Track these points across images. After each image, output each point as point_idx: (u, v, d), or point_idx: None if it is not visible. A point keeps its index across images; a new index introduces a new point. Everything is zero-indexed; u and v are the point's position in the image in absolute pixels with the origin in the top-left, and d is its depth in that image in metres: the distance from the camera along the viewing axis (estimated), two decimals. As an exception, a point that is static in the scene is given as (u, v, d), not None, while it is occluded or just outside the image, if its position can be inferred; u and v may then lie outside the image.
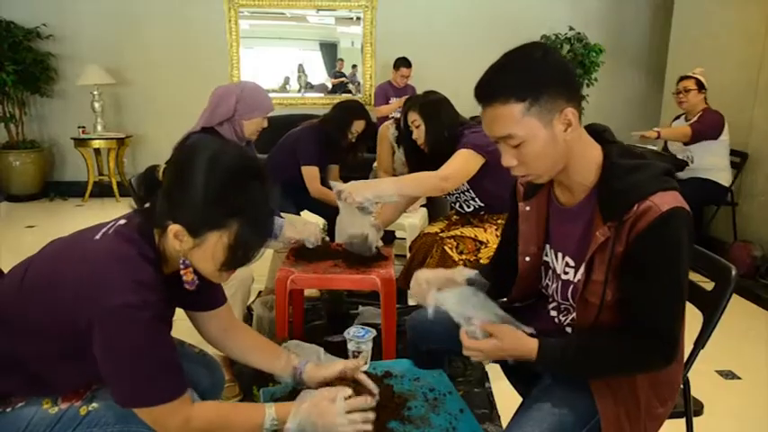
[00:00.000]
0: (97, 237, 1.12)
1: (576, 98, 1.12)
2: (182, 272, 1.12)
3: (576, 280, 1.22)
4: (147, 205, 1.15)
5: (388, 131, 3.49)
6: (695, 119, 3.82)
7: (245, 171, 1.08)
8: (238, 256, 1.10)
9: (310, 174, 3.11)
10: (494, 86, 1.11)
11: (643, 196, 1.07)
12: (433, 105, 2.42)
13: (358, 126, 3.13)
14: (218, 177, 1.05)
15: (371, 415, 1.17)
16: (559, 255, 1.28)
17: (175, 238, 1.07)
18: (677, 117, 4.13)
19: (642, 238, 1.07)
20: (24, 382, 1.13)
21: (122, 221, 1.15)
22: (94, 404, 1.14)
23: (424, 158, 2.43)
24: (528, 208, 1.32)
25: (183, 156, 1.09)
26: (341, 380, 1.28)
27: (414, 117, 2.42)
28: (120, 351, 1.03)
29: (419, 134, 2.41)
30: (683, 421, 1.45)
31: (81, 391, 1.17)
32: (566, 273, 1.25)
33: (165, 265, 1.15)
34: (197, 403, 1.13)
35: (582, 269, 1.18)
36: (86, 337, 1.03)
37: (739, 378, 2.53)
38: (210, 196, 1.04)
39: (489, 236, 2.35)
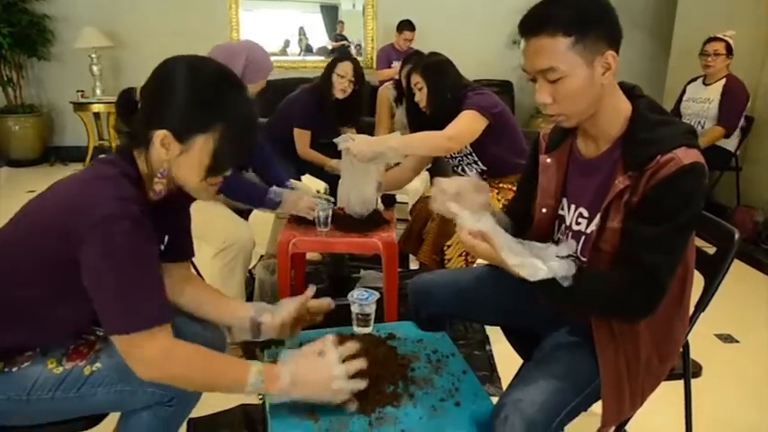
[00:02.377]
0: (79, 172, 1.14)
1: (617, 43, 1.13)
2: (155, 181, 1.11)
3: (588, 231, 1.23)
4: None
5: (387, 92, 3.45)
6: (719, 84, 3.75)
7: (226, 78, 1.10)
8: (224, 161, 1.11)
9: (300, 136, 3.10)
10: (543, 18, 1.10)
11: (667, 149, 1.09)
12: (437, 67, 2.38)
13: (344, 68, 3.04)
14: (201, 82, 1.07)
15: (364, 363, 1.15)
16: (573, 207, 1.28)
17: (162, 145, 1.07)
18: (693, 80, 4.05)
19: (659, 186, 1.08)
20: (30, 335, 1.14)
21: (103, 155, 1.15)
22: (98, 364, 1.16)
23: (426, 121, 2.39)
24: (549, 160, 1.33)
25: (162, 70, 1.09)
26: (299, 320, 1.33)
27: (416, 79, 2.38)
28: (105, 267, 1.00)
29: (421, 96, 2.37)
30: (681, 383, 1.46)
31: (84, 351, 1.18)
32: (577, 223, 1.26)
33: (148, 190, 1.14)
34: (179, 340, 1.08)
35: (597, 219, 1.19)
36: (78, 269, 1.02)
37: (738, 342, 2.55)
38: (195, 99, 1.06)
39: (490, 199, 2.34)
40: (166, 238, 1.26)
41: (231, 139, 1.09)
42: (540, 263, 1.08)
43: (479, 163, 2.40)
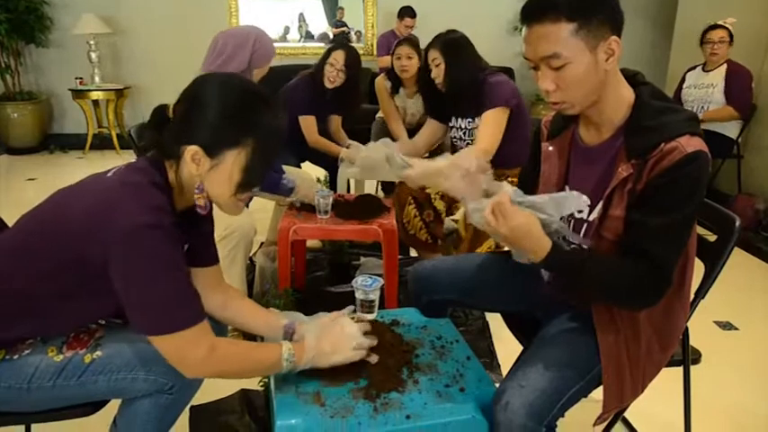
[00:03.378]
0: (108, 174, 1.14)
1: (620, 29, 1.12)
2: (195, 196, 1.14)
3: (590, 219, 1.23)
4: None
5: (383, 83, 3.43)
6: (720, 70, 3.74)
7: (256, 94, 1.13)
8: (254, 176, 1.14)
9: (307, 123, 3.07)
10: (546, 4, 1.09)
11: (671, 137, 1.09)
12: (455, 44, 2.35)
13: (336, 56, 2.99)
14: (232, 98, 1.10)
15: (375, 340, 1.23)
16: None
17: (192, 160, 1.09)
18: (692, 68, 4.04)
19: (663, 175, 1.08)
20: (34, 327, 1.14)
21: (132, 161, 1.16)
22: (98, 352, 1.16)
23: (441, 100, 2.38)
24: (551, 148, 1.33)
25: (194, 87, 1.13)
26: None
27: (434, 55, 2.35)
28: (140, 274, 1.02)
29: (438, 73, 2.34)
30: (680, 369, 1.47)
31: (85, 339, 1.18)
32: (579, 212, 1.25)
33: (176, 200, 1.15)
34: (218, 337, 1.12)
35: (599, 207, 1.19)
36: (97, 271, 1.03)
37: (737, 329, 2.56)
38: (227, 114, 1.09)
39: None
40: (186, 245, 1.25)
41: (261, 154, 1.12)
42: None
43: None
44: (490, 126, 2.23)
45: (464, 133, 2.44)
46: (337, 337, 1.18)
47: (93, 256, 1.03)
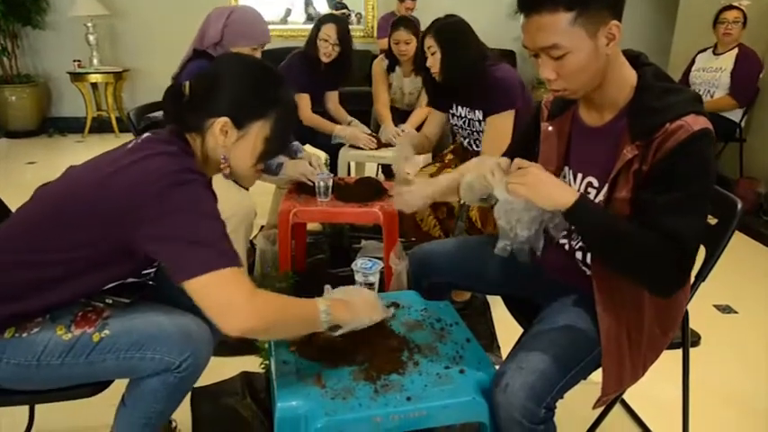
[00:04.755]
0: (129, 146, 1.16)
1: (620, 12, 1.10)
2: (222, 166, 1.21)
3: (597, 201, 1.21)
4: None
5: (380, 66, 3.40)
6: (731, 54, 3.69)
7: (273, 70, 1.24)
8: (274, 147, 1.22)
9: (300, 101, 3.05)
10: None
11: (676, 116, 1.08)
12: (453, 30, 2.20)
13: (327, 30, 2.96)
14: (254, 73, 1.20)
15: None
16: (579, 175, 1.27)
17: (221, 132, 1.15)
18: (703, 50, 3.99)
19: (671, 154, 1.07)
20: (38, 302, 1.14)
21: (149, 134, 1.20)
22: (107, 331, 1.17)
23: (439, 87, 2.30)
24: (551, 128, 1.32)
25: (214, 65, 1.22)
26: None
27: (430, 43, 2.20)
28: (182, 216, 1.04)
29: (434, 62, 2.20)
30: (679, 352, 1.48)
31: (93, 318, 1.19)
32: (587, 193, 1.24)
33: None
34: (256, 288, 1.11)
35: (605, 189, 1.18)
36: (122, 237, 1.07)
37: (736, 313, 2.57)
38: (254, 88, 1.17)
39: None
40: None
41: (282, 125, 1.20)
42: None
43: None
44: (498, 135, 2.12)
45: (464, 122, 2.37)
46: (365, 299, 1.24)
47: (123, 223, 1.06)
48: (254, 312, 1.03)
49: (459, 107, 2.36)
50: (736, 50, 3.75)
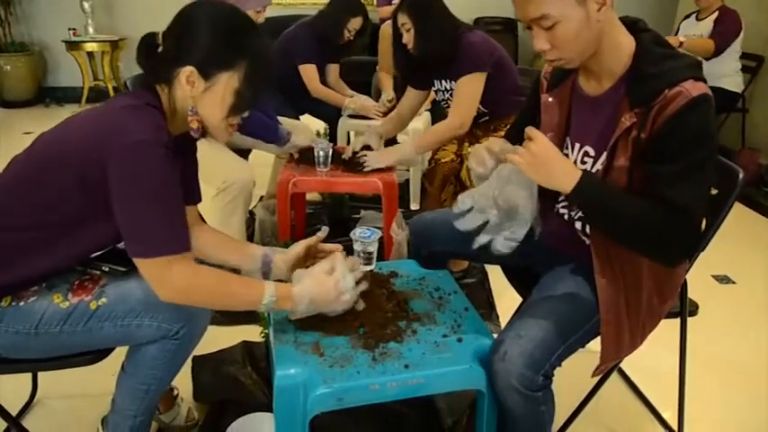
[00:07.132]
0: (98, 105, 1.16)
1: None
2: (189, 119, 1.16)
3: (594, 170, 1.21)
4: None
5: (388, 30, 3.35)
6: (711, 18, 3.63)
7: (246, 19, 1.17)
8: (245, 100, 1.16)
9: (309, 72, 3.02)
10: None
11: (674, 82, 1.06)
12: (423, 5, 2.20)
13: (355, 23, 2.99)
14: (224, 20, 1.13)
15: (366, 285, 1.25)
16: (577, 145, 1.26)
17: (187, 81, 1.11)
18: (687, 16, 3.93)
19: (671, 121, 1.06)
20: (36, 265, 1.14)
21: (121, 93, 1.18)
22: (103, 299, 1.17)
23: (416, 64, 2.29)
24: (551, 99, 1.30)
25: (184, 13, 1.14)
26: (310, 257, 1.37)
27: (403, 20, 2.21)
28: (136, 190, 1.04)
29: (409, 38, 2.21)
30: (676, 321, 1.48)
31: (89, 286, 1.19)
32: (583, 162, 1.24)
33: (168, 125, 1.15)
34: (200, 265, 1.15)
35: (603, 157, 1.17)
36: (97, 195, 1.06)
37: (734, 283, 2.58)
38: (220, 35, 1.11)
39: None
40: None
41: (253, 77, 1.14)
42: None
43: (480, 107, 2.35)
44: (464, 97, 2.17)
45: (450, 95, 2.34)
46: (325, 293, 1.17)
47: (94, 177, 1.05)
48: (179, 294, 1.11)
49: (443, 81, 2.34)
50: (716, 14, 3.68)
